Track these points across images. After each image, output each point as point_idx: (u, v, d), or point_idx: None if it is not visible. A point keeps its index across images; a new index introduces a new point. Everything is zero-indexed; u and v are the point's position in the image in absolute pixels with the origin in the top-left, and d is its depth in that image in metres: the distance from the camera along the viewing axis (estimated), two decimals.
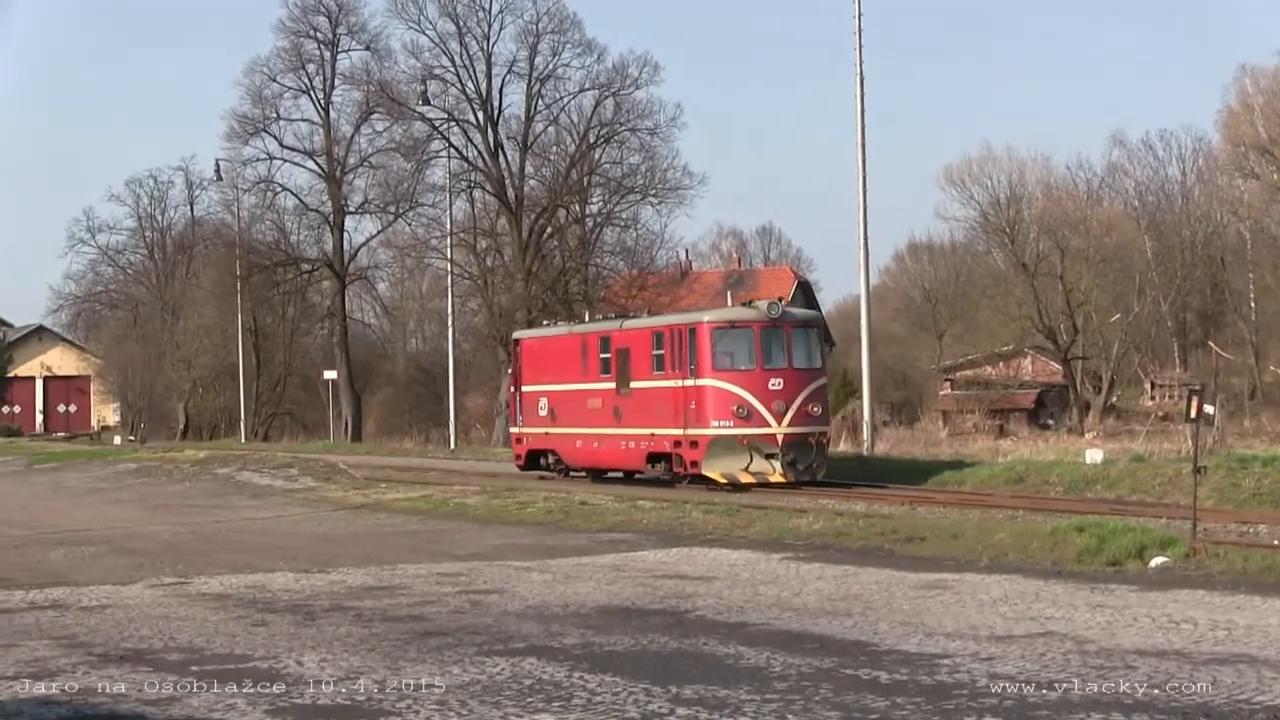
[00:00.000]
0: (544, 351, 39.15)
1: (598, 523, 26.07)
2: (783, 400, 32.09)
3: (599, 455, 36.53)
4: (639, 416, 34.54)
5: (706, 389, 32.41)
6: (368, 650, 13.20)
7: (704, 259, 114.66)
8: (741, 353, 32.57)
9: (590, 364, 36.48)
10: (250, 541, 24.96)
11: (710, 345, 32.44)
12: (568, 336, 38.26)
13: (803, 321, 33.90)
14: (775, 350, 32.57)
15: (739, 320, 32.81)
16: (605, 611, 15.39)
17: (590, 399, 36.37)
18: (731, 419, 32.11)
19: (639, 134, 69.12)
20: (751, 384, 32.14)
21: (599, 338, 36.49)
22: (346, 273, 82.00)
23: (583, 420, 36.62)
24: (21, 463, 52.32)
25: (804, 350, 33.03)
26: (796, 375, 32.47)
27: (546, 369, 38.61)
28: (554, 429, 38.03)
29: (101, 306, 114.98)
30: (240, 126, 78.94)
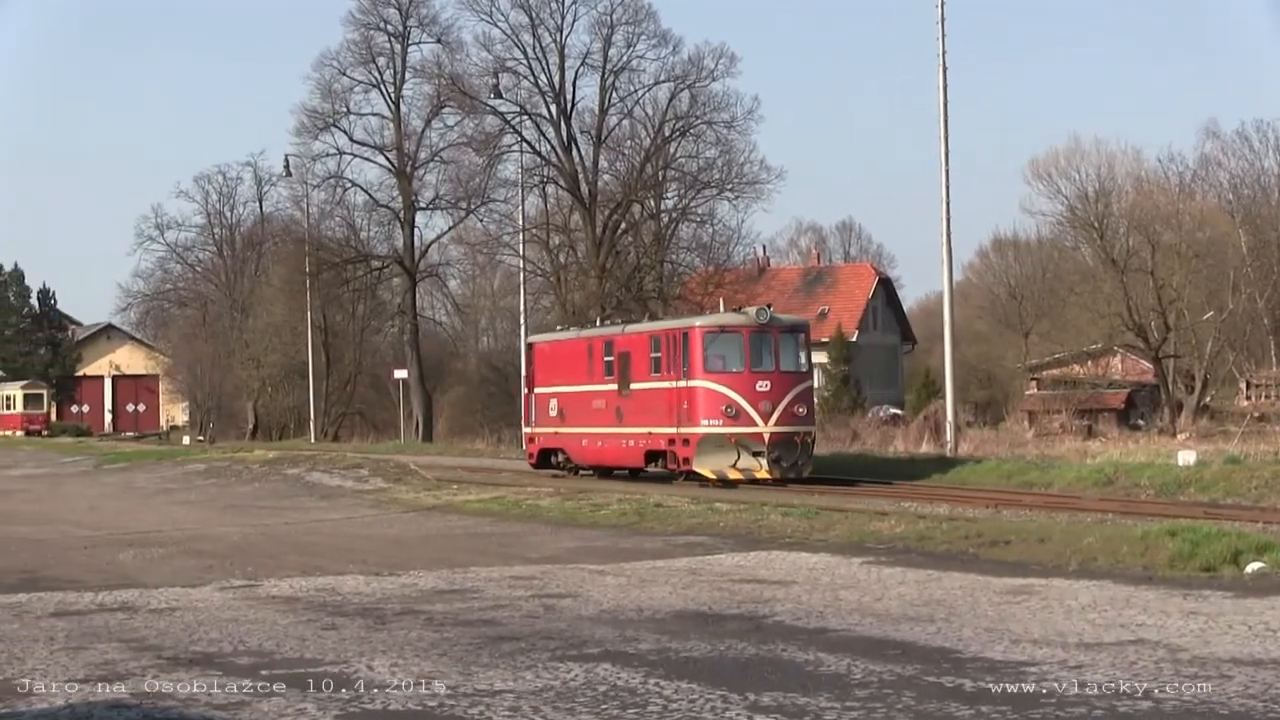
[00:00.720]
0: (554, 355, 41.92)
1: (673, 525, 26.06)
2: (769, 401, 34.75)
3: (603, 453, 39.23)
4: (638, 416, 37.19)
5: (698, 390, 35.17)
6: (439, 655, 13.24)
7: (782, 255, 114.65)
8: (731, 356, 35.24)
9: (595, 367, 39.20)
10: (320, 544, 25.09)
11: (701, 349, 35.21)
12: (576, 340, 41.08)
13: (789, 327, 36.53)
14: (763, 354, 35.27)
15: (729, 325, 35.56)
16: (681, 616, 15.38)
17: (595, 400, 39.08)
18: (721, 418, 34.82)
19: (715, 127, 69.17)
20: (740, 385, 34.84)
21: (603, 342, 39.20)
22: (417, 269, 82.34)
23: (588, 420, 39.37)
24: (90, 463, 52.82)
25: (790, 354, 35.81)
26: (783, 378, 35.19)
27: (557, 371, 41.33)
28: (563, 428, 40.78)
29: (170, 304, 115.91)
30: (310, 121, 79.49)
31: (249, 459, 46.95)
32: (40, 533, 28.40)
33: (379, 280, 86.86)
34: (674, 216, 71.57)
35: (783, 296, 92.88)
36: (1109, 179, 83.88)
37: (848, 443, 54.11)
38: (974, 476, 36.39)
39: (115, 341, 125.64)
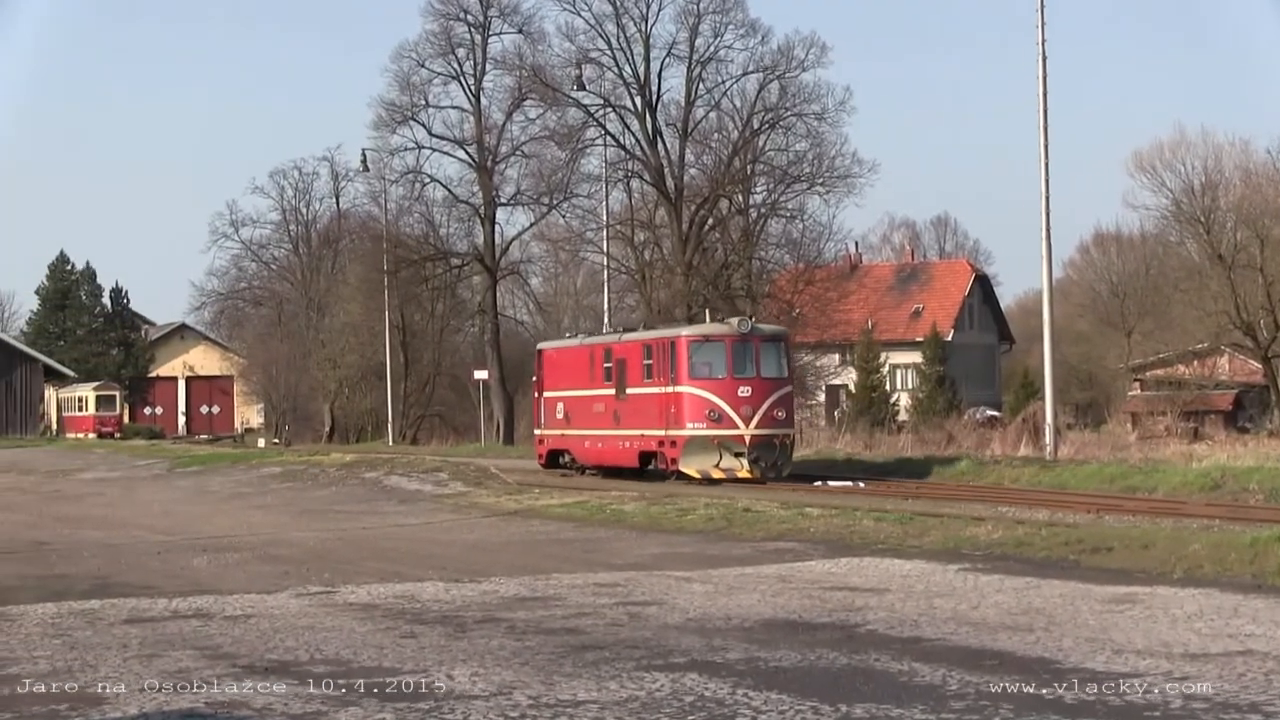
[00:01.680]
0: (561, 361, 45.15)
1: (762, 531, 26.03)
2: (750, 406, 37.75)
3: (603, 454, 42.33)
4: (633, 419, 40.32)
5: (684, 395, 38.24)
6: (521, 664, 13.28)
7: (874, 252, 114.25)
8: (714, 363, 38.32)
9: (596, 372, 42.42)
10: (399, 549, 25.21)
11: (687, 356, 38.30)
12: (580, 348, 44.58)
13: (770, 336, 39.72)
14: (745, 361, 38.34)
15: (712, 335, 38.88)
16: (770, 625, 15.37)
17: (596, 404, 42.32)
18: (705, 421, 37.86)
19: (805, 119, 68.96)
20: (723, 391, 37.88)
21: (603, 349, 42.54)
22: (498, 267, 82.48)
23: (590, 423, 42.63)
24: (163, 466, 53.29)
25: (770, 362, 38.82)
26: (763, 384, 38.18)
27: (563, 377, 44.50)
28: (568, 430, 44.00)
29: (245, 303, 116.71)
30: (388, 114, 79.65)
31: (326, 462, 47.23)
32: (113, 538, 28.69)
33: (459, 278, 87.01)
34: (763, 212, 71.43)
35: (875, 294, 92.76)
36: (1216, 171, 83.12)
37: (943, 446, 53.88)
38: (1074, 481, 36.20)
39: (189, 342, 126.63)
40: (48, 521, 33.78)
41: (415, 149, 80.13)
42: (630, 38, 69.85)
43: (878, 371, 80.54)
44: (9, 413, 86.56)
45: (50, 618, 16.88)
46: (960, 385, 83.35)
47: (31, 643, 15.09)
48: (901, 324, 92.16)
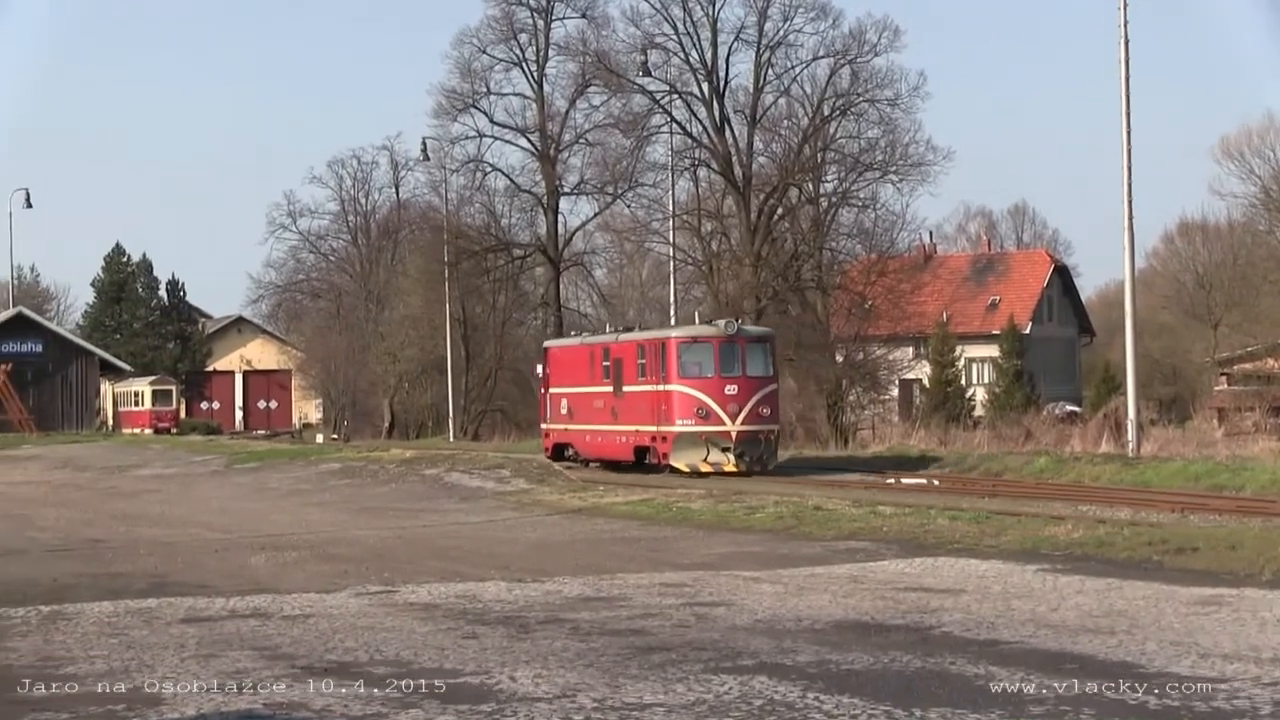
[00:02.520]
0: (565, 359, 48.30)
1: (833, 530, 25.99)
2: (736, 403, 40.42)
3: (602, 448, 44.98)
4: (629, 416, 43.07)
5: (674, 393, 40.90)
6: (585, 666, 13.31)
7: (949, 242, 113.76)
8: (703, 363, 41.02)
9: (596, 371, 45.32)
10: (460, 548, 25.30)
11: (677, 357, 41.04)
12: (581, 347, 47.81)
13: (756, 337, 42.72)
14: (731, 361, 40.97)
15: (700, 336, 41.64)
16: (842, 627, 15.35)
17: (596, 400, 45.17)
18: (694, 418, 40.50)
19: (878, 105, 68.65)
20: (710, 389, 40.55)
21: (602, 348, 45.45)
22: (561, 258, 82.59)
23: (591, 418, 45.42)
24: (221, 462, 53.58)
25: (756, 361, 41.53)
26: (749, 382, 40.84)
27: (567, 374, 47.52)
28: (571, 425, 46.77)
29: (303, 296, 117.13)
30: (448, 102, 79.83)
31: (385, 459, 47.43)
32: (170, 535, 28.91)
33: (521, 270, 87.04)
34: (834, 201, 71.19)
35: (950, 285, 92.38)
36: None
37: (1020, 442, 53.63)
38: (1158, 479, 36.00)
39: (246, 335, 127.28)
40: (104, 519, 34.07)
41: (476, 137, 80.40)
42: (697, 22, 69.79)
43: (953, 365, 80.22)
44: (65, 407, 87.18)
45: (107, 616, 17.02)
46: (1039, 380, 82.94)
47: (88, 642, 15.23)
48: (978, 316, 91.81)
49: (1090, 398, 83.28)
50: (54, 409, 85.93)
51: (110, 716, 11.71)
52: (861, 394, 73.88)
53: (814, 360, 69.74)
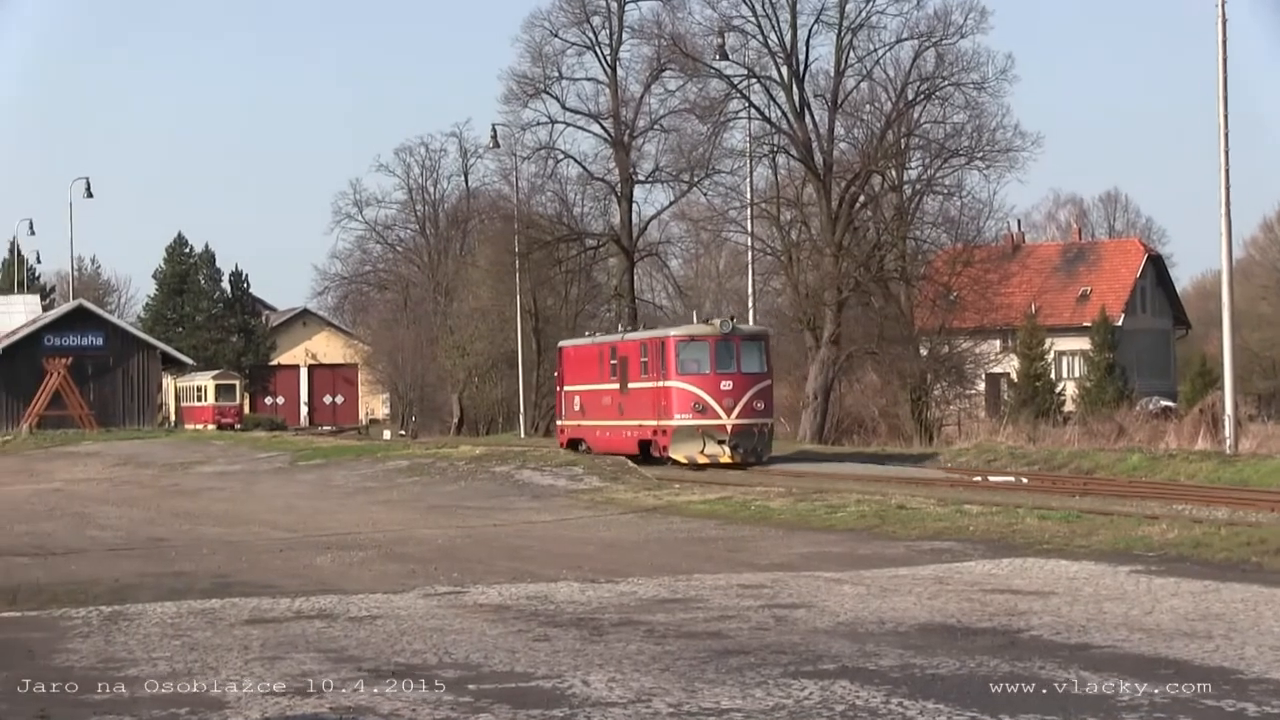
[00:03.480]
0: (578, 358, 52.36)
1: (917, 529, 25.92)
2: (731, 398, 44.11)
3: (610, 442, 48.19)
4: (633, 411, 46.97)
5: (672, 389, 44.74)
6: (661, 670, 13.32)
7: (1038, 231, 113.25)
8: (700, 361, 44.80)
9: (604, 369, 49.28)
10: (531, 548, 25.36)
11: (675, 355, 44.81)
12: (592, 346, 52.08)
13: (750, 335, 46.91)
14: (726, 359, 44.80)
15: (697, 335, 45.56)
16: (927, 630, 15.31)
17: (604, 397, 49.24)
18: (691, 413, 44.29)
19: (964, 89, 68.40)
20: (707, 385, 44.35)
21: (610, 348, 49.55)
22: (635, 248, 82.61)
23: (600, 414, 49.53)
24: (285, 459, 53.84)
25: (750, 358, 45.36)
26: (743, 378, 44.66)
27: (579, 372, 51.68)
28: (583, 421, 50.98)
29: (369, 287, 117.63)
30: (519, 87, 79.93)
31: (454, 455, 47.56)
32: (233, 534, 29.10)
33: (594, 260, 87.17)
34: (918, 188, 71.00)
35: (1039, 276, 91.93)
36: None
37: (1112, 439, 53.40)
38: (1257, 476, 35.79)
39: (311, 328, 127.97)
40: (166, 517, 34.34)
41: (548, 123, 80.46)
42: (776, 4, 69.53)
43: (1042, 359, 79.77)
44: (126, 403, 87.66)
45: (169, 617, 17.15)
46: (1131, 374, 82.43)
47: (150, 643, 15.35)
48: (1067, 308, 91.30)
49: (1185, 393, 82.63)
50: (115, 404, 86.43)
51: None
52: (946, 389, 73.74)
53: (897, 354, 69.64)
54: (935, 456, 49.75)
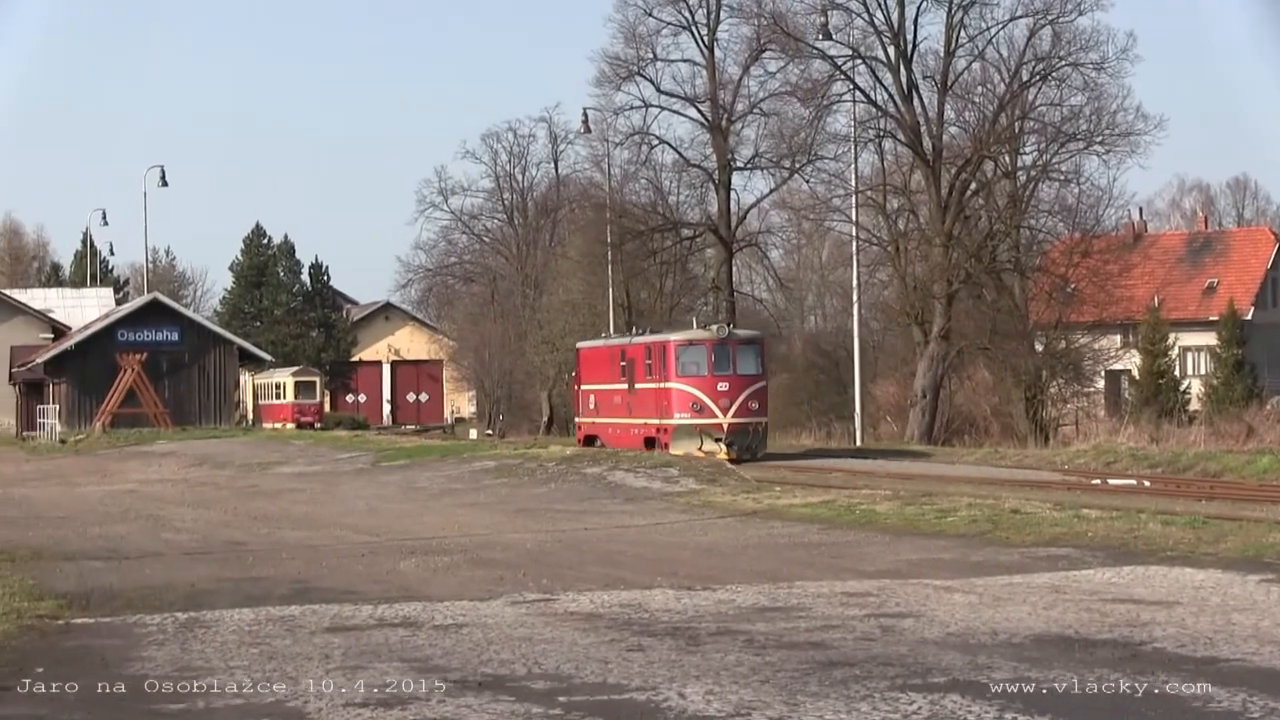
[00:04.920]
0: (593, 358, 57.30)
1: (1032, 535, 25.79)
2: (727, 399, 48.66)
3: (620, 439, 52.77)
4: (639, 410, 51.78)
5: (673, 390, 49.45)
6: (761, 682, 13.31)
7: (1161, 219, 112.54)
8: (699, 363, 49.38)
9: (615, 370, 54.12)
10: (624, 553, 25.39)
11: (675, 357, 49.46)
12: (605, 348, 56.82)
13: (745, 340, 51.46)
14: (723, 361, 49.30)
15: (696, 339, 50.27)
16: (1042, 641, 15.23)
17: (615, 396, 54.05)
18: (690, 412, 48.96)
19: (1082, 69, 68.09)
20: (704, 386, 49.00)
21: (620, 350, 54.40)
22: (734, 238, 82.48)
23: (612, 412, 54.54)
24: (367, 459, 54.11)
25: (747, 361, 49.97)
26: (739, 380, 49.17)
27: (594, 373, 56.72)
28: (598, 419, 56.04)
29: (454, 280, 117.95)
30: (611, 69, 79.90)
31: (544, 456, 47.68)
32: (314, 538, 29.27)
33: (690, 251, 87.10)
34: (1033, 175, 70.68)
35: (1162, 267, 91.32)
36: None
37: (1241, 439, 52.99)
38: None
39: (394, 322, 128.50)
40: (244, 520, 34.56)
41: (642, 107, 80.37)
42: None
43: (1165, 355, 79.27)
44: (202, 400, 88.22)
45: (247, 624, 17.27)
46: (1262, 371, 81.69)
47: (228, 651, 15.46)
48: (1193, 301, 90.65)
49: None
50: (190, 402, 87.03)
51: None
52: (1063, 386, 73.35)
53: (1010, 349, 69.34)
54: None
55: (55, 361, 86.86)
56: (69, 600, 19.50)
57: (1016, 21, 69.02)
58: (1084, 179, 70.29)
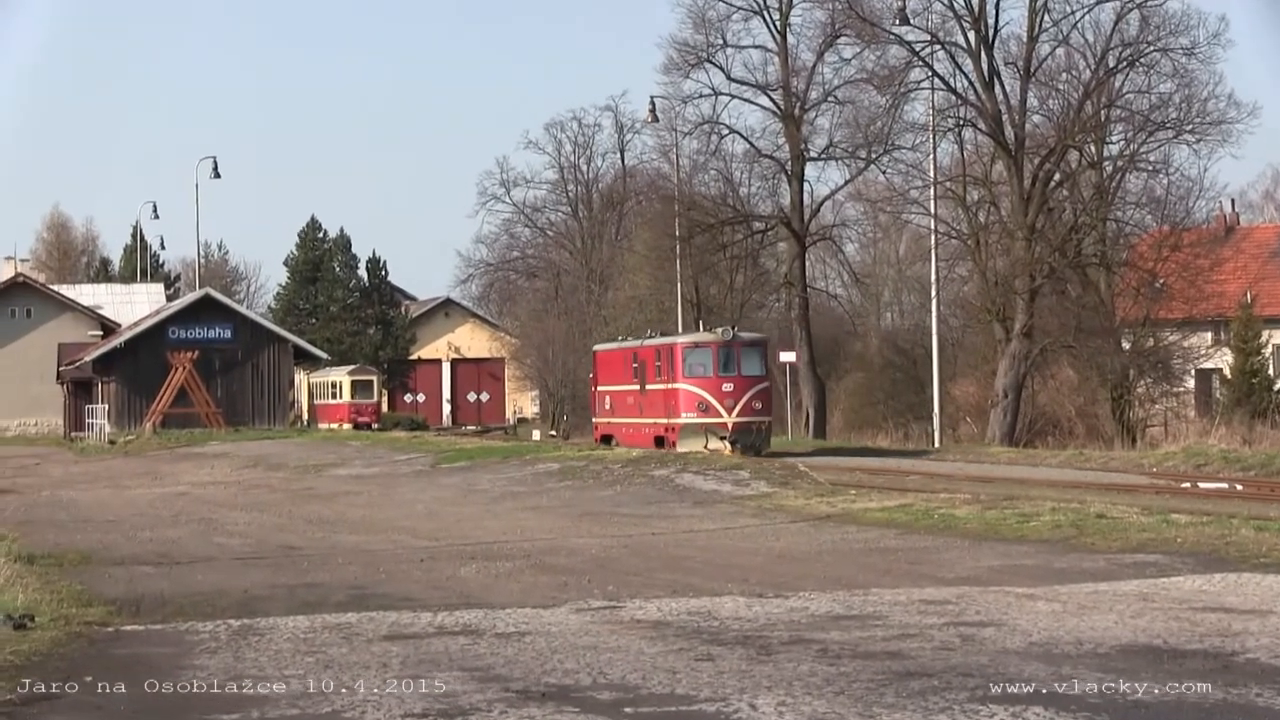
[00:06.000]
0: (608, 361, 61.85)
1: (1119, 541, 25.69)
2: (732, 399, 52.49)
3: (632, 437, 56.93)
4: (650, 410, 55.84)
5: (680, 390, 53.51)
6: (835, 693, 13.30)
7: (1255, 211, 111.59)
8: (705, 365, 53.35)
9: (628, 371, 58.38)
10: (693, 558, 25.40)
11: (682, 359, 53.63)
12: (619, 350, 61.25)
13: (749, 342, 55.35)
14: (728, 363, 53.32)
15: (701, 342, 54.43)
16: (1129, 651, 15.18)
17: (628, 397, 58.28)
18: (696, 412, 52.91)
19: (1172, 55, 67.64)
20: (710, 387, 52.88)
21: (632, 352, 58.72)
22: (807, 232, 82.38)
23: (625, 412, 58.99)
24: (426, 461, 54.26)
25: (751, 363, 54.09)
26: (743, 381, 53.09)
27: (609, 374, 61.26)
28: (613, 419, 60.60)
29: (517, 275, 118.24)
30: (679, 56, 79.89)
31: (609, 458, 47.76)
32: (371, 543, 29.38)
33: (761, 245, 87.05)
34: (1120, 165, 70.34)
35: (1256, 262, 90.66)
36: None
37: None
38: None
39: (454, 319, 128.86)
40: (299, 523, 34.73)
41: (711, 96, 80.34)
42: None
43: (1259, 353, 78.68)
44: (255, 400, 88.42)
45: (302, 632, 17.34)
46: None
47: (282, 660, 15.53)
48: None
49: None
50: (243, 401, 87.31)
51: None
52: (1151, 386, 72.93)
53: (1096, 347, 69.09)
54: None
55: (104, 360, 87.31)
56: (118, 606, 19.63)
57: (1103, 5, 68.74)
58: (1173, 169, 69.96)
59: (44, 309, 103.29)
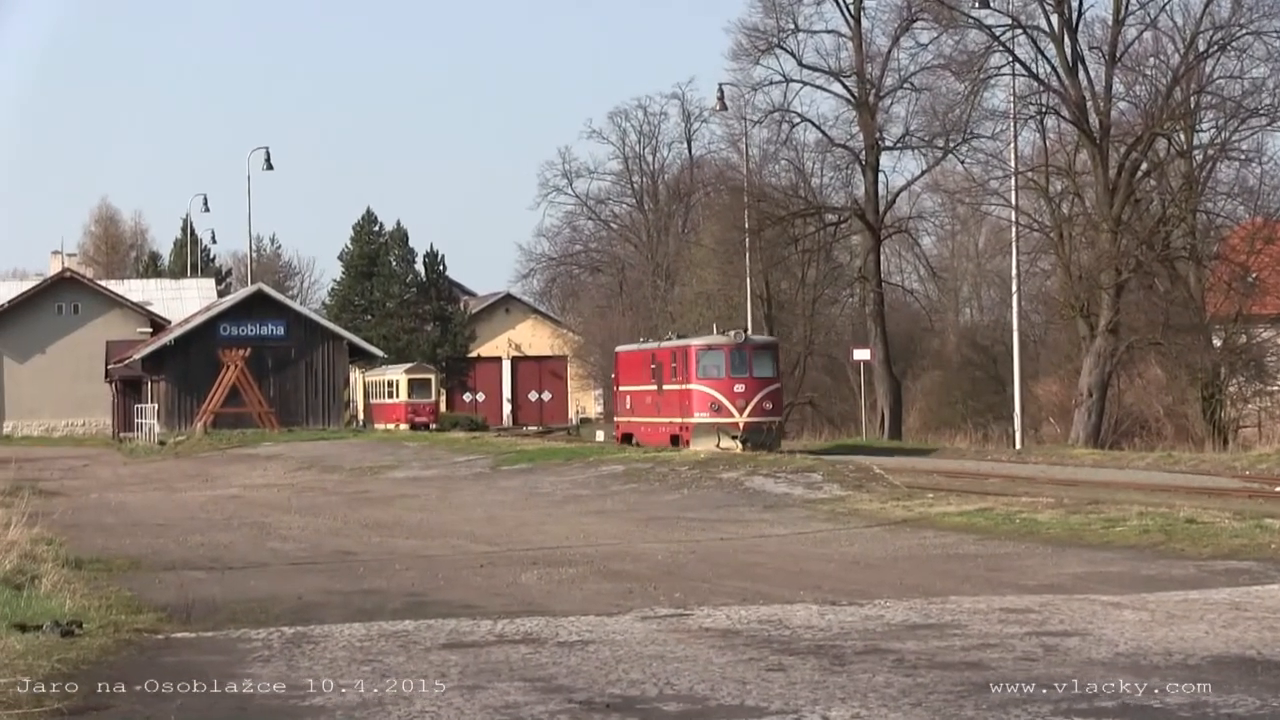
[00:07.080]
0: (629, 362, 66.15)
1: (1209, 547, 25.57)
2: (744, 399, 56.20)
3: (650, 436, 61.43)
4: (666, 409, 59.90)
5: (693, 391, 57.45)
6: (912, 705, 13.27)
7: None
8: (717, 366, 57.26)
9: (646, 372, 62.41)
10: (763, 565, 25.39)
11: (696, 361, 57.61)
12: (639, 352, 65.46)
13: (761, 345, 60.17)
14: (740, 365, 57.12)
15: (714, 344, 58.37)
16: (1221, 663, 15.10)
17: (647, 397, 62.40)
18: (709, 411, 56.77)
19: (1265, 38, 67.36)
20: (722, 388, 56.73)
21: (651, 354, 62.97)
22: (882, 224, 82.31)
23: (644, 412, 63.05)
24: (486, 463, 54.35)
25: (762, 365, 57.89)
26: (754, 382, 56.86)
27: (630, 375, 65.56)
28: (633, 418, 64.75)
29: (580, 269, 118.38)
30: (749, 41, 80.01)
31: (676, 460, 47.73)
32: (429, 548, 29.45)
33: (835, 238, 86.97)
34: (1210, 154, 69.99)
35: None
36: None
37: None
38: None
39: (515, 315, 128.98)
40: (354, 528, 34.83)
41: (783, 83, 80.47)
42: None
43: None
44: (309, 399, 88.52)
45: (358, 640, 17.38)
46: None
47: (338, 669, 15.57)
48: None
49: None
50: (297, 401, 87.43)
51: None
52: (1244, 385, 72.53)
53: (1185, 344, 68.75)
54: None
55: (154, 357, 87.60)
56: (169, 613, 19.73)
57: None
58: (1267, 158, 69.79)
59: (92, 305, 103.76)
